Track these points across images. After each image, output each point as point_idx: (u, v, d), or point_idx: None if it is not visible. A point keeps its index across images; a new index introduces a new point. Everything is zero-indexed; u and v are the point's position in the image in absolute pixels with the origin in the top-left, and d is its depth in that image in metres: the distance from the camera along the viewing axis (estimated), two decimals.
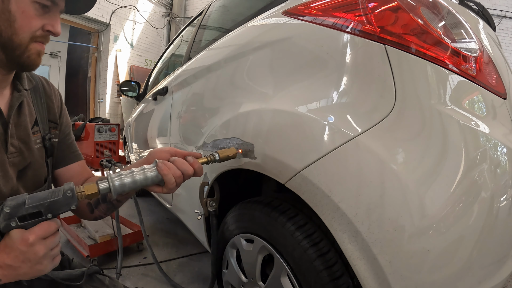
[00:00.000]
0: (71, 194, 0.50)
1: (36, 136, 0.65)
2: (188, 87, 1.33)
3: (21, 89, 0.62)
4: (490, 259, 0.57)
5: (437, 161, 0.54)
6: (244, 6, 1.29)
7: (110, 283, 0.76)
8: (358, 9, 0.65)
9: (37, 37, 0.56)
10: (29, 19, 0.53)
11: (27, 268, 0.48)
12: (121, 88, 2.36)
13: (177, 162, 0.59)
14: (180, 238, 1.99)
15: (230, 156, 0.72)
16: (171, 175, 0.57)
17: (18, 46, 0.54)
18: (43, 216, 0.48)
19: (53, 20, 0.56)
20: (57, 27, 0.57)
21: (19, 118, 0.61)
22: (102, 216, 0.72)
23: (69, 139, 0.75)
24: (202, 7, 1.81)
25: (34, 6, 0.53)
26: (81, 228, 1.90)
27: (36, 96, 0.67)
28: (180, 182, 0.60)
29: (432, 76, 0.59)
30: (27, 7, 0.53)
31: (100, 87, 5.77)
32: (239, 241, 0.89)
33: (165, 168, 0.57)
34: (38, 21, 0.55)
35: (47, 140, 0.67)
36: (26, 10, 0.53)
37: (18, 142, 0.60)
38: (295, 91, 0.73)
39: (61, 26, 0.59)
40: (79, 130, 2.10)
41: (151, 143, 1.90)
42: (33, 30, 0.54)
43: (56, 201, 0.48)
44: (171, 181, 0.57)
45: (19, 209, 0.46)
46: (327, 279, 0.64)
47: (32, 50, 0.56)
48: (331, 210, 0.60)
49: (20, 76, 0.63)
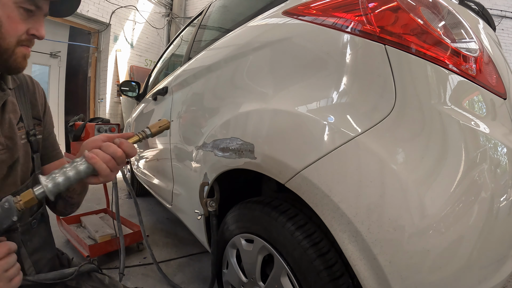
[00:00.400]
0: (8, 206, 0.49)
1: (21, 132, 0.66)
2: (188, 87, 1.33)
3: (5, 88, 0.62)
4: (490, 259, 0.57)
5: (437, 161, 0.54)
6: (244, 6, 1.29)
7: (109, 283, 0.76)
8: (358, 9, 0.65)
9: (23, 41, 0.57)
10: (15, 23, 0.55)
11: None
12: (121, 88, 2.36)
13: (104, 147, 0.58)
14: (180, 238, 1.99)
15: (162, 127, 0.67)
16: (101, 162, 0.56)
17: (5, 50, 0.55)
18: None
19: (38, 24, 0.58)
20: (41, 30, 0.59)
21: (3, 115, 0.62)
22: (65, 212, 0.74)
23: (52, 138, 0.77)
24: (202, 7, 1.81)
25: (19, 11, 0.55)
26: (81, 228, 1.90)
27: (20, 94, 0.68)
28: (114, 166, 0.58)
29: (432, 76, 0.59)
30: (12, 12, 0.54)
31: (100, 87, 5.77)
32: (239, 241, 0.89)
33: (93, 156, 0.56)
34: (23, 25, 0.56)
35: (32, 136, 0.68)
36: (11, 15, 0.54)
37: (5, 139, 0.61)
38: (295, 91, 0.73)
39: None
40: (79, 130, 2.10)
41: (151, 143, 1.90)
42: (19, 34, 0.56)
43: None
44: (102, 168, 0.56)
45: None
46: (327, 279, 0.64)
47: (18, 54, 0.57)
48: (331, 210, 0.60)
49: (4, 76, 0.64)
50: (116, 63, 5.82)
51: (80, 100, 5.95)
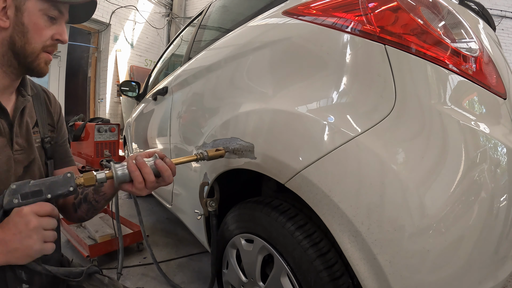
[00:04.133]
0: (70, 175, 0.56)
1: (36, 136, 0.71)
2: (188, 87, 1.33)
3: (26, 94, 0.68)
4: (490, 259, 0.57)
5: (437, 161, 0.54)
6: (244, 6, 1.29)
7: (109, 283, 0.76)
8: (358, 9, 0.65)
9: (47, 46, 0.63)
10: (40, 30, 0.61)
11: (17, 242, 0.51)
12: (121, 88, 2.36)
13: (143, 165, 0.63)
14: (180, 238, 1.99)
15: (218, 153, 0.78)
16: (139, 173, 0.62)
17: (30, 54, 0.61)
18: (43, 195, 0.54)
19: (61, 29, 0.64)
20: (64, 35, 0.64)
21: (22, 118, 0.67)
22: (85, 217, 0.77)
23: (65, 145, 0.82)
24: (202, 7, 1.81)
25: (44, 18, 0.60)
26: (81, 228, 1.90)
27: (37, 102, 0.74)
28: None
29: (432, 76, 0.59)
30: (38, 19, 0.60)
31: (100, 87, 5.77)
32: (239, 241, 0.89)
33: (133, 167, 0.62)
34: (48, 31, 0.62)
35: (46, 143, 0.73)
36: (37, 22, 0.60)
37: (22, 140, 0.66)
38: (295, 91, 0.73)
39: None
40: (79, 130, 2.11)
41: (151, 143, 1.90)
42: (44, 39, 0.61)
43: (56, 181, 0.55)
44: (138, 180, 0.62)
45: (24, 186, 0.53)
46: (327, 279, 0.64)
47: (41, 59, 0.63)
48: (331, 210, 0.60)
49: (24, 84, 0.69)
50: (116, 63, 5.82)
51: (80, 100, 5.95)
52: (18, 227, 0.51)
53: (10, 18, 0.58)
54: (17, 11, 0.58)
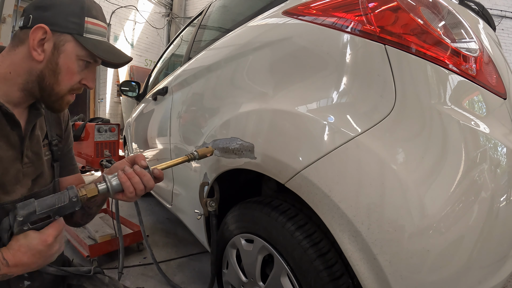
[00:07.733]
0: (76, 199, 0.57)
1: (45, 149, 0.71)
2: (188, 87, 1.33)
3: (39, 108, 0.66)
4: (490, 259, 0.57)
5: (437, 161, 0.54)
6: (244, 6, 1.29)
7: (109, 282, 0.76)
8: (358, 9, 0.65)
9: (74, 89, 0.63)
10: (71, 74, 0.60)
11: (40, 263, 0.55)
12: (121, 88, 2.36)
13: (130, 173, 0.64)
14: (180, 238, 1.98)
15: (206, 151, 0.79)
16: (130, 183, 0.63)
17: (55, 94, 0.61)
18: (52, 218, 0.56)
19: (91, 75, 0.64)
20: (92, 83, 0.65)
21: (33, 131, 0.66)
22: (80, 222, 0.79)
23: (71, 154, 0.82)
24: (202, 7, 1.81)
25: (79, 63, 0.61)
26: (81, 228, 1.89)
27: (47, 113, 0.73)
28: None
29: (432, 76, 0.59)
30: (73, 64, 0.60)
31: (100, 87, 5.77)
32: (239, 241, 0.89)
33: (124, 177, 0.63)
34: (78, 76, 0.62)
35: (54, 146, 0.73)
36: (71, 66, 0.60)
37: (32, 154, 0.65)
38: (295, 91, 0.73)
39: None
40: (79, 130, 2.10)
41: (151, 143, 1.90)
42: (73, 84, 0.62)
43: (63, 206, 0.56)
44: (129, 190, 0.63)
45: (31, 216, 0.53)
46: (327, 279, 0.64)
47: (65, 100, 0.63)
48: (331, 210, 0.60)
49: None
50: None
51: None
52: (43, 253, 0.54)
53: (46, 53, 0.57)
54: (55, 49, 0.58)
